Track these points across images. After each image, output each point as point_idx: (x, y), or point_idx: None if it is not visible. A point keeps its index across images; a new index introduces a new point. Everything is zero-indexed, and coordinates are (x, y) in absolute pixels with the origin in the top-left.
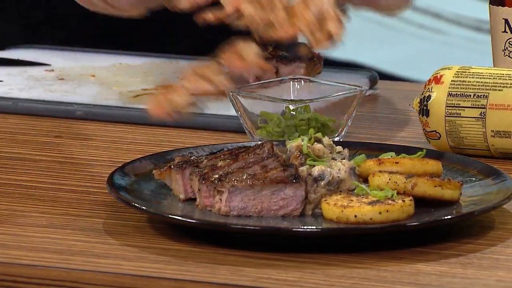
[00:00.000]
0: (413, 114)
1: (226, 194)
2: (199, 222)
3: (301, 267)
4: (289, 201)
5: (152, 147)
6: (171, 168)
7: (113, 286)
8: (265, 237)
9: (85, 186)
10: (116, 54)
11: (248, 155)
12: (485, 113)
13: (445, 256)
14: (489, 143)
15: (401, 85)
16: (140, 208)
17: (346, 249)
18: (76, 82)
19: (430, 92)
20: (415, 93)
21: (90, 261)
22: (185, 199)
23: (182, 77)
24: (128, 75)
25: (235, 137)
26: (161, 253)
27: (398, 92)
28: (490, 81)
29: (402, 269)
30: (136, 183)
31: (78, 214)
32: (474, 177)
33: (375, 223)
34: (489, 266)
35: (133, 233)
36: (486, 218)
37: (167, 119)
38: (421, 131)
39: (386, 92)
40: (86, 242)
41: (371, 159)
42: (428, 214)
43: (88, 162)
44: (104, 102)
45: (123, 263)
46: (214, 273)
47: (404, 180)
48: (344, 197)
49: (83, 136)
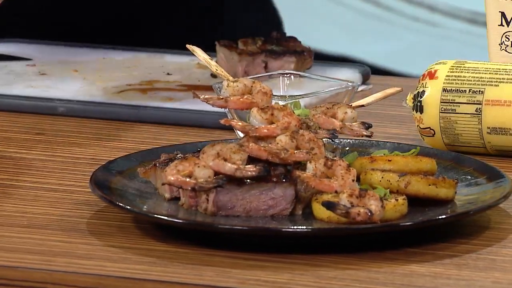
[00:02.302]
0: (406, 110)
1: (213, 194)
2: (186, 222)
3: (290, 269)
4: (279, 201)
5: (137, 145)
6: (156, 166)
7: None
8: (253, 237)
9: (67, 185)
10: (100, 49)
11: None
12: (481, 109)
13: (439, 257)
14: (485, 140)
15: (394, 80)
16: (124, 207)
17: (337, 250)
18: (58, 77)
19: (424, 87)
20: (409, 89)
21: (73, 263)
22: (171, 198)
23: (204, 152)
24: (112, 70)
25: (222, 134)
26: (146, 254)
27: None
28: (486, 76)
29: (395, 270)
30: (120, 182)
31: (61, 214)
32: (470, 176)
33: (367, 223)
34: (485, 267)
35: (117, 234)
36: (482, 217)
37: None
38: (415, 128)
39: (379, 87)
40: (69, 242)
41: (363, 157)
42: (422, 214)
43: (71, 160)
44: (87, 98)
45: (107, 265)
46: (200, 275)
47: (397, 179)
48: (335, 196)
49: (65, 133)
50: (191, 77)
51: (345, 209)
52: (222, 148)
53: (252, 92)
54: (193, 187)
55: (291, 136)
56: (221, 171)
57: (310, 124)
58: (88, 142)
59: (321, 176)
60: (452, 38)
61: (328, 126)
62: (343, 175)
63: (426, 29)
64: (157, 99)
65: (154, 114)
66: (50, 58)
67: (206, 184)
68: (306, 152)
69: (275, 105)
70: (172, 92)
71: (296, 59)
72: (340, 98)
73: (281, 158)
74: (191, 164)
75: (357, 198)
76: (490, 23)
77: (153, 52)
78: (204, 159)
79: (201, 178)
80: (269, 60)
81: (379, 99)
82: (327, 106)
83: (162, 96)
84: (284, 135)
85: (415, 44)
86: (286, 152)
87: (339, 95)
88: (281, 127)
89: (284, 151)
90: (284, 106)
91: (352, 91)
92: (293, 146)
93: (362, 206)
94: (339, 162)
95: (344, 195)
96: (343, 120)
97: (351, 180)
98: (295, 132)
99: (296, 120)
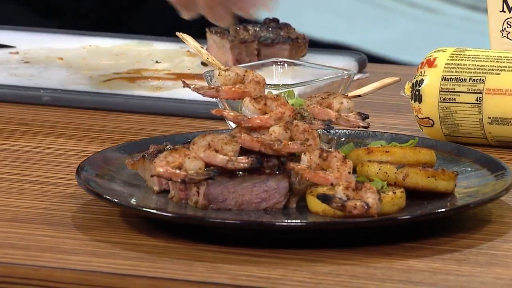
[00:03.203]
0: (404, 99)
1: (204, 186)
2: (175, 216)
3: (284, 264)
4: (272, 194)
5: (125, 135)
6: (144, 158)
7: (83, 284)
8: (245, 231)
9: (52, 178)
10: (86, 35)
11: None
12: (482, 99)
13: (438, 252)
14: (486, 131)
15: (392, 68)
16: (112, 200)
17: (333, 245)
18: (42, 65)
19: (423, 76)
20: (407, 77)
21: (58, 258)
22: (160, 191)
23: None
24: (98, 57)
25: (213, 124)
26: (134, 249)
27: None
28: (487, 64)
29: (393, 265)
30: (107, 174)
31: (46, 207)
32: (470, 167)
33: (364, 216)
34: (486, 263)
35: (104, 228)
36: (482, 211)
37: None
38: (413, 118)
39: (375, 76)
40: (54, 237)
41: (360, 148)
42: (420, 207)
43: (56, 152)
44: (73, 87)
45: (93, 260)
46: (191, 270)
47: (394, 171)
48: (331, 189)
49: (50, 124)
50: (180, 65)
51: (341, 202)
52: (213, 139)
53: (245, 81)
54: (183, 179)
55: (285, 126)
56: (212, 163)
57: (305, 114)
58: (74, 133)
59: (316, 168)
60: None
61: (324, 117)
62: (339, 167)
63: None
64: (146, 88)
65: (143, 104)
66: (34, 45)
67: (196, 176)
68: (300, 143)
69: (268, 94)
70: (161, 81)
71: (290, 46)
72: (336, 87)
73: (274, 149)
74: (181, 155)
75: (353, 191)
76: (491, 9)
77: (141, 39)
78: (195, 150)
79: (192, 170)
80: (261, 48)
81: (376, 89)
82: (322, 96)
83: (151, 85)
84: (277, 126)
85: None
86: (280, 143)
87: (334, 83)
88: (274, 118)
89: (277, 142)
90: (277, 96)
91: (348, 79)
92: (287, 137)
93: (358, 199)
94: (335, 154)
95: (340, 188)
96: (339, 110)
97: (347, 172)
98: (289, 122)
99: (290, 110)
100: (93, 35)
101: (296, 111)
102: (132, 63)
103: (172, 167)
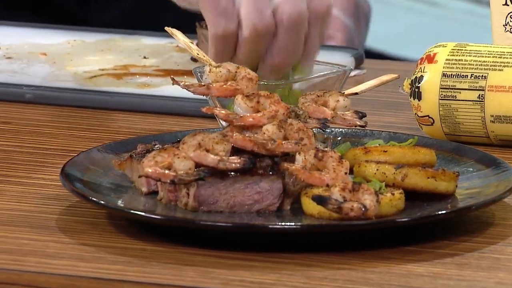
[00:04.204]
0: (403, 97)
1: (194, 187)
2: (164, 218)
3: (278, 269)
4: (265, 195)
5: (111, 134)
6: (132, 158)
7: None
8: (237, 235)
9: (36, 178)
10: (70, 30)
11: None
12: (484, 96)
13: (439, 256)
14: (488, 129)
15: (390, 64)
16: (98, 202)
17: (328, 248)
18: (25, 61)
19: (423, 72)
20: (406, 74)
21: (42, 262)
22: (148, 193)
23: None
24: (83, 53)
25: (204, 123)
26: (121, 253)
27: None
28: (489, 60)
29: (391, 270)
30: (93, 175)
31: (29, 209)
32: (472, 168)
33: (361, 219)
34: (488, 267)
35: (90, 231)
36: (485, 213)
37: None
38: (412, 116)
39: (373, 72)
40: (38, 241)
41: (357, 148)
42: (420, 209)
43: (39, 151)
44: (57, 83)
45: (79, 264)
46: (180, 275)
47: (393, 171)
48: (326, 190)
49: (33, 122)
50: (169, 61)
51: (337, 204)
52: (203, 138)
53: (236, 78)
54: (173, 180)
55: (279, 125)
56: (202, 163)
57: (299, 112)
58: (58, 132)
59: (311, 169)
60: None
61: (319, 115)
62: (335, 167)
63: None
64: (133, 85)
65: (130, 102)
66: (16, 40)
67: (186, 177)
68: (295, 143)
69: (261, 92)
70: (149, 77)
71: None
72: (331, 84)
73: (267, 149)
74: (170, 155)
75: (350, 192)
76: (494, 2)
77: (128, 33)
78: (185, 150)
79: (181, 170)
80: None
81: (374, 87)
82: (317, 94)
83: (138, 82)
84: (271, 125)
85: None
86: (273, 143)
87: (329, 80)
88: (267, 116)
89: (271, 141)
90: (271, 94)
91: (344, 76)
92: (280, 136)
93: (355, 200)
94: (331, 154)
95: (336, 189)
96: (335, 108)
97: (343, 172)
98: (283, 121)
99: (284, 108)
100: (78, 29)
101: (290, 109)
102: (119, 58)
103: (161, 168)
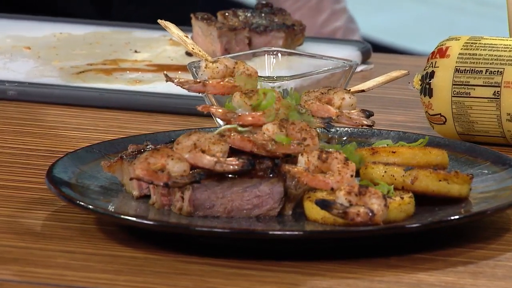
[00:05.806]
0: (413, 94)
1: (189, 191)
2: (157, 224)
3: (279, 278)
4: (265, 199)
5: (100, 134)
6: (122, 159)
7: None
8: (235, 241)
9: (19, 181)
10: (56, 22)
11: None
12: (500, 93)
13: (451, 264)
14: (505, 128)
15: (399, 58)
16: (86, 207)
17: (333, 256)
18: (8, 55)
19: (434, 67)
20: (416, 69)
21: (27, 271)
22: (140, 196)
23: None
24: (70, 47)
25: (199, 121)
26: (111, 261)
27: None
28: (505, 54)
29: (401, 279)
30: (81, 177)
31: (11, 214)
32: (486, 169)
33: (368, 224)
34: (504, 276)
35: (78, 237)
36: (500, 218)
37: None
38: (423, 115)
39: (381, 67)
40: (22, 248)
41: (364, 148)
42: (431, 214)
43: (23, 152)
44: (41, 79)
45: (66, 273)
46: (174, 285)
47: (402, 173)
48: (331, 194)
49: (16, 121)
50: (162, 56)
51: (343, 208)
52: (199, 138)
53: (235, 74)
54: (166, 183)
55: (280, 124)
56: (198, 165)
57: (302, 111)
58: (43, 131)
59: (314, 171)
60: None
61: (323, 114)
62: (340, 169)
63: None
64: (123, 81)
65: (120, 99)
66: None
67: (181, 180)
68: (297, 143)
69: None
70: (141, 73)
71: (285, 34)
72: (336, 80)
73: (268, 150)
74: (164, 156)
75: (356, 196)
76: None
77: (118, 26)
78: (179, 151)
79: (175, 172)
80: (253, 36)
81: (382, 84)
82: (321, 91)
83: (129, 77)
84: (271, 124)
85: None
86: (274, 143)
87: (334, 76)
88: (268, 114)
89: (271, 142)
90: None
91: (350, 71)
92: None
93: (362, 205)
94: (336, 155)
95: (341, 193)
96: (340, 107)
97: (349, 175)
98: (285, 120)
99: (286, 106)
100: (64, 21)
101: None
102: (108, 52)
103: (153, 170)
